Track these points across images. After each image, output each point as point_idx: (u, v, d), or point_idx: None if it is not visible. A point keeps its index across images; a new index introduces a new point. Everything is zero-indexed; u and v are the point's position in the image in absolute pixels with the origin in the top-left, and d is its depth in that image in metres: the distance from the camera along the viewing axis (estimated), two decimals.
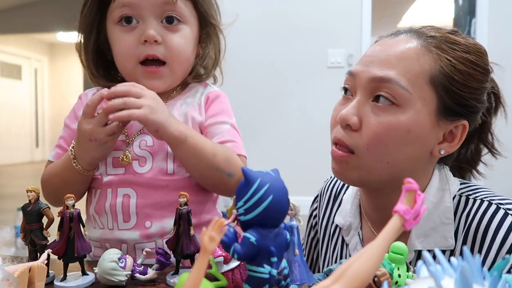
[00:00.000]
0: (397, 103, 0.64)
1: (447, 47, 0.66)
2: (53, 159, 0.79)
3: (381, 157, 0.66)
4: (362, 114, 0.66)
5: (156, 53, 0.72)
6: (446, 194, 0.69)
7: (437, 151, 0.68)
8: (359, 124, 0.66)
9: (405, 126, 0.64)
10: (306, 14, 3.50)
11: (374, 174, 0.67)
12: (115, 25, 0.73)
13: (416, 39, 0.67)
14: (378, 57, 0.67)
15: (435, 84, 0.64)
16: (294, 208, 0.51)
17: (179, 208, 0.59)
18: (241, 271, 0.53)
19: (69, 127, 0.81)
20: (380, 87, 0.65)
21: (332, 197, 0.88)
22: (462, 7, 3.61)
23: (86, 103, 0.69)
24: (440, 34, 0.68)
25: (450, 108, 0.66)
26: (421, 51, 0.65)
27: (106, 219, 0.75)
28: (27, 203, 0.59)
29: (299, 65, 3.50)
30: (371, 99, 0.66)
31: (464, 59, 0.66)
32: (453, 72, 0.65)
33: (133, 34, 0.72)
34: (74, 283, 0.58)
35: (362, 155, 0.66)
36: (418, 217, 0.35)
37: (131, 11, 0.72)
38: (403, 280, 0.48)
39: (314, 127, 3.42)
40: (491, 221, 0.65)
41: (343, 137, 0.67)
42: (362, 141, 0.66)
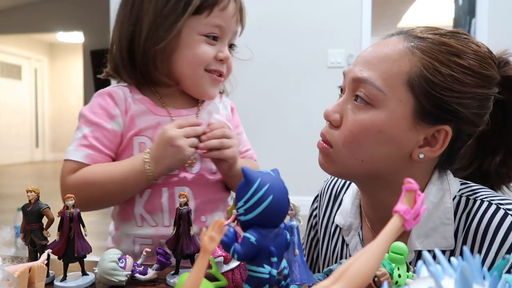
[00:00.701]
0: (371, 103, 0.66)
1: (434, 50, 0.65)
2: (84, 160, 0.75)
3: (355, 154, 0.68)
4: (343, 112, 0.69)
5: (223, 70, 0.83)
6: (446, 194, 0.69)
7: (416, 155, 0.67)
8: (340, 121, 0.69)
9: (376, 126, 0.65)
10: (306, 14, 3.50)
11: (350, 170, 0.70)
12: (199, 35, 0.78)
13: (405, 41, 0.67)
14: (364, 58, 0.69)
15: (412, 86, 0.64)
16: (294, 208, 0.51)
17: (179, 208, 0.59)
18: (241, 271, 0.53)
19: (101, 126, 0.77)
20: (358, 87, 0.67)
21: (332, 197, 0.88)
22: (462, 7, 3.61)
23: (185, 119, 0.77)
24: (432, 37, 0.66)
25: (428, 111, 0.64)
26: (404, 53, 0.65)
27: (161, 216, 0.77)
28: (27, 203, 0.59)
29: (299, 65, 3.50)
30: (353, 98, 0.69)
31: (452, 62, 0.64)
32: (434, 75, 0.63)
33: (213, 49, 0.80)
34: (74, 283, 0.58)
35: (339, 151, 0.69)
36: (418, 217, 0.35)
37: (218, 32, 0.79)
38: (403, 280, 0.48)
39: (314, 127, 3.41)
40: (491, 221, 0.65)
41: (325, 132, 0.72)
42: (339, 137, 0.69)
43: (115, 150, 0.78)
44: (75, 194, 0.72)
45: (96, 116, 0.77)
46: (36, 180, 6.53)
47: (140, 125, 0.77)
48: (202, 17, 0.78)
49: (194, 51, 0.78)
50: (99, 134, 0.76)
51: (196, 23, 0.78)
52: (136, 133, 0.77)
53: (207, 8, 0.77)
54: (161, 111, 0.79)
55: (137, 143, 0.77)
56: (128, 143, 0.77)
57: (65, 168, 0.75)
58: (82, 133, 0.76)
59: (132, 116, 0.78)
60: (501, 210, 0.65)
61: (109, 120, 0.77)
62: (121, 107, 0.78)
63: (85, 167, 0.74)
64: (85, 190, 0.72)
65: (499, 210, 0.65)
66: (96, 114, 0.77)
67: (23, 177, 6.81)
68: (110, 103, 0.78)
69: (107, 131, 0.76)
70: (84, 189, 0.72)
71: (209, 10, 0.78)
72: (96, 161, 0.75)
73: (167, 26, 0.77)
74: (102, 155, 0.76)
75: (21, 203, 0.61)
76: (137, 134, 0.77)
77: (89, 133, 0.76)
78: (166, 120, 0.78)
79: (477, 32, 3.30)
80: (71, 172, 0.74)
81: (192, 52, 0.78)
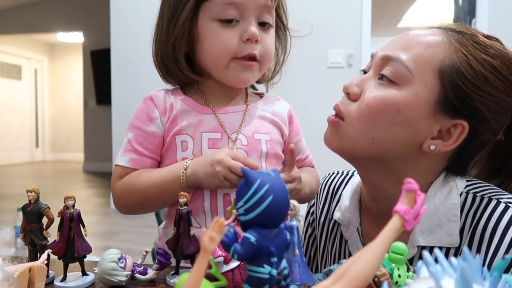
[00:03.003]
0: (396, 81, 0.66)
1: (470, 45, 0.66)
2: (128, 164, 0.75)
3: (367, 131, 0.67)
4: (364, 86, 0.69)
5: (256, 52, 0.74)
6: (453, 190, 0.69)
7: (427, 146, 0.66)
8: (358, 94, 0.69)
9: (396, 105, 0.65)
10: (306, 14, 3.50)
11: (356, 146, 0.69)
12: (213, 21, 0.73)
13: (443, 33, 0.68)
14: (398, 41, 0.69)
15: (442, 74, 0.64)
16: (294, 208, 0.51)
17: (179, 208, 0.59)
18: (241, 271, 0.53)
19: (143, 130, 0.76)
20: (385, 65, 0.67)
21: (330, 193, 0.88)
22: (462, 7, 3.61)
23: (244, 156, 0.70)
24: (470, 33, 0.68)
25: (451, 103, 0.64)
26: (441, 42, 0.66)
27: (204, 218, 0.75)
28: (27, 203, 0.59)
29: (299, 65, 3.50)
30: (377, 76, 0.69)
31: (485, 62, 0.65)
32: (466, 69, 0.64)
33: (234, 31, 0.73)
34: (74, 283, 0.58)
35: (351, 124, 0.69)
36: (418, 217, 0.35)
37: (235, 10, 0.72)
38: (403, 280, 0.48)
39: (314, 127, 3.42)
40: (499, 220, 0.64)
41: (341, 103, 0.71)
42: (354, 110, 0.68)
43: (158, 151, 0.77)
44: (120, 199, 0.75)
45: (138, 121, 0.78)
46: (36, 180, 6.53)
47: (181, 123, 0.76)
48: (213, 0, 0.71)
49: (212, 40, 0.73)
50: (141, 138, 0.76)
51: (208, 8, 0.73)
52: (177, 132, 0.76)
53: None
54: (205, 109, 0.77)
55: (179, 142, 0.76)
56: (171, 142, 0.76)
57: (114, 174, 0.77)
58: (127, 139, 0.77)
59: (174, 116, 0.76)
60: (510, 209, 0.64)
61: (149, 123, 0.77)
62: (160, 108, 0.77)
63: (131, 173, 0.75)
64: (129, 195, 0.74)
65: (508, 209, 0.64)
66: (138, 119, 0.78)
67: (23, 177, 6.81)
68: (150, 106, 0.78)
69: (148, 134, 0.76)
70: (128, 194, 0.74)
71: None
72: (140, 164, 0.75)
73: (179, 18, 0.74)
74: (145, 158, 0.76)
75: (21, 203, 0.61)
76: (178, 133, 0.76)
77: (132, 138, 0.77)
78: (209, 118, 0.77)
79: None
80: (119, 178, 0.76)
81: (210, 42, 0.73)
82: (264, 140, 0.78)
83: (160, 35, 0.77)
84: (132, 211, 0.78)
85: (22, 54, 8.55)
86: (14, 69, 8.55)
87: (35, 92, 9.03)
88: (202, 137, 0.75)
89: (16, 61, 8.54)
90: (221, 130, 0.76)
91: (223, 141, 0.75)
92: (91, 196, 4.92)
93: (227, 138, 0.76)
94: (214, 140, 0.75)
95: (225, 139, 0.76)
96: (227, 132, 0.76)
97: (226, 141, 0.76)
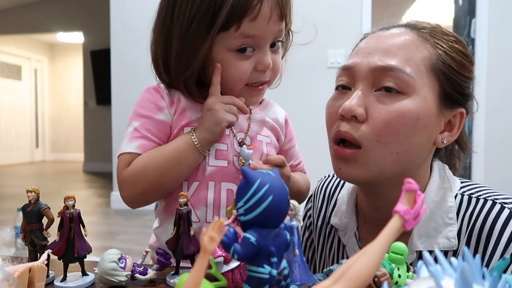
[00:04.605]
0: (403, 91, 0.63)
1: (440, 37, 0.67)
2: (138, 150, 0.73)
3: (391, 148, 0.63)
4: (367, 104, 0.64)
5: (266, 79, 0.77)
6: (448, 193, 0.69)
7: (439, 141, 0.68)
8: (365, 115, 0.64)
9: (415, 114, 0.63)
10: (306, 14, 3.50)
11: (384, 168, 0.65)
12: (229, 51, 0.72)
13: (410, 31, 0.68)
14: (377, 48, 0.66)
15: (435, 71, 0.65)
16: (294, 208, 0.51)
17: (179, 208, 0.59)
18: (241, 272, 0.53)
19: (151, 118, 0.75)
20: (383, 77, 0.64)
21: (326, 197, 0.87)
22: (462, 7, 3.61)
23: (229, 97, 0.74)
24: (430, 26, 0.69)
25: (450, 96, 0.66)
26: (419, 40, 0.66)
27: (204, 212, 0.75)
28: (27, 203, 0.59)
29: (299, 65, 3.50)
30: (374, 89, 0.65)
31: (455, 49, 0.67)
32: (449, 60, 0.65)
33: (249, 61, 0.73)
34: (74, 283, 0.58)
35: (371, 148, 0.64)
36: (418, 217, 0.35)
37: (252, 42, 0.72)
38: (403, 280, 0.48)
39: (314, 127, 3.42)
40: (495, 221, 0.64)
41: (349, 130, 0.64)
42: (370, 132, 0.63)
43: (165, 140, 0.76)
44: (132, 185, 0.72)
45: (145, 110, 0.76)
46: (36, 180, 6.53)
47: (191, 116, 0.76)
48: (230, 32, 0.70)
49: (227, 70, 0.73)
50: (150, 125, 0.75)
51: (224, 39, 0.71)
52: (187, 123, 0.76)
53: (235, 22, 0.69)
54: None
55: None
56: (179, 133, 0.76)
57: (120, 163, 0.74)
58: (133, 127, 0.75)
59: (183, 108, 0.76)
60: (505, 210, 0.64)
61: (158, 111, 0.76)
62: (167, 100, 0.76)
63: (137, 157, 0.73)
64: (141, 176, 0.71)
65: (503, 209, 0.64)
66: (144, 108, 0.76)
67: (23, 177, 6.81)
68: (156, 96, 0.77)
69: (157, 122, 0.75)
70: (141, 176, 0.71)
71: (238, 24, 0.69)
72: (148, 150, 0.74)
73: (193, 49, 0.72)
74: (154, 144, 0.74)
75: (21, 203, 0.61)
76: (188, 125, 0.76)
77: (139, 125, 0.75)
78: None
79: (477, 32, 3.30)
80: (126, 165, 0.73)
81: (226, 71, 0.73)
82: (265, 143, 0.80)
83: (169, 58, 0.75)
84: (145, 197, 0.74)
85: (22, 54, 8.54)
86: (14, 69, 8.54)
87: (35, 92, 9.02)
88: None
89: (16, 61, 8.54)
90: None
91: (230, 137, 0.77)
92: (91, 196, 4.91)
93: (233, 136, 0.78)
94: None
95: (231, 135, 0.78)
96: (232, 130, 0.78)
97: (232, 137, 0.78)
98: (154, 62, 0.79)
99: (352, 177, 0.67)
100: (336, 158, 0.68)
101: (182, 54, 0.73)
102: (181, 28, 0.72)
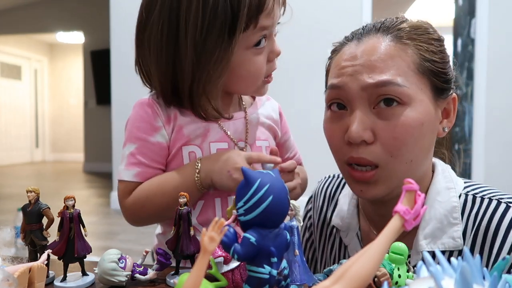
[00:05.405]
0: (401, 102, 0.63)
1: (416, 34, 0.67)
2: (135, 179, 0.73)
3: (405, 158, 0.64)
4: (371, 125, 0.64)
5: (276, 66, 0.78)
6: (452, 193, 0.69)
7: (441, 131, 0.70)
8: (373, 136, 0.64)
9: (419, 121, 0.64)
10: (306, 14, 3.50)
11: (400, 178, 0.64)
12: (247, 49, 0.71)
13: (386, 36, 0.66)
14: (362, 66, 0.65)
15: (423, 71, 0.65)
16: (294, 208, 0.51)
17: (179, 209, 0.59)
18: (241, 272, 0.53)
19: (146, 141, 0.74)
20: (378, 92, 0.63)
21: (327, 197, 0.87)
22: (462, 7, 3.61)
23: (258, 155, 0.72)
24: (403, 26, 0.68)
25: (441, 88, 0.67)
26: (397, 46, 0.65)
27: None
28: (27, 203, 0.59)
29: (299, 65, 3.50)
30: (371, 106, 0.65)
31: (430, 39, 0.67)
32: (431, 55, 0.66)
33: (263, 55, 0.74)
34: (74, 283, 0.58)
35: (387, 164, 0.64)
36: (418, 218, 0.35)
37: (267, 32, 0.72)
38: (403, 281, 0.48)
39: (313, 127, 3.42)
40: (501, 221, 0.64)
41: (363, 154, 0.64)
42: (383, 151, 0.64)
43: (163, 162, 0.75)
44: (136, 214, 0.74)
45: (140, 131, 0.74)
46: (36, 180, 6.53)
47: (188, 134, 0.74)
48: (249, 30, 0.69)
49: (248, 68, 0.72)
50: (145, 150, 0.74)
51: (243, 39, 0.70)
52: (185, 143, 0.74)
53: (253, 21, 0.68)
54: None
55: (186, 153, 0.74)
56: (177, 153, 0.74)
57: (121, 190, 0.75)
58: (129, 151, 0.74)
59: (179, 125, 0.74)
60: (511, 209, 0.64)
61: (153, 133, 0.74)
62: (163, 117, 0.74)
63: (139, 186, 0.73)
64: (143, 208, 0.73)
65: (509, 209, 0.64)
66: (139, 129, 0.74)
67: (23, 177, 6.81)
68: (151, 115, 0.74)
69: (153, 145, 0.74)
70: (143, 208, 0.73)
71: (255, 22, 0.68)
72: (147, 177, 0.74)
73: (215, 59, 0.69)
74: (152, 169, 0.74)
75: (21, 203, 0.61)
76: (186, 144, 0.74)
77: (135, 150, 0.74)
78: (214, 126, 0.76)
79: (477, 32, 3.30)
80: (127, 193, 0.74)
81: (247, 70, 0.72)
82: (264, 147, 0.81)
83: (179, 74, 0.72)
84: (148, 223, 0.77)
85: (22, 54, 8.54)
86: (14, 69, 8.54)
87: (35, 92, 9.03)
88: (211, 148, 0.75)
89: (16, 61, 8.54)
90: (227, 139, 0.77)
91: (231, 147, 0.77)
92: (91, 196, 4.91)
93: (234, 146, 0.77)
94: (222, 150, 0.75)
95: (232, 144, 0.77)
96: (233, 141, 0.77)
97: (233, 146, 0.77)
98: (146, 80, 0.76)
99: (376, 196, 0.67)
100: (354, 181, 0.68)
101: (198, 68, 0.69)
102: (194, 39, 0.68)
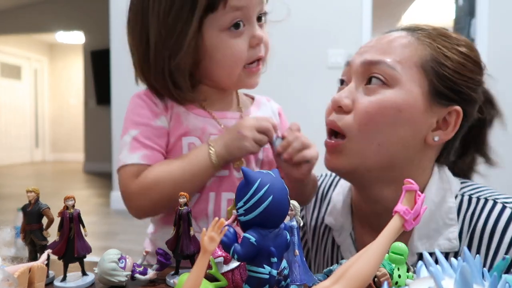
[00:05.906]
0: (387, 83, 0.66)
1: (437, 38, 0.69)
2: (142, 161, 0.71)
3: (372, 137, 0.66)
4: (355, 97, 0.68)
5: (262, 53, 0.74)
6: (448, 193, 0.69)
7: (431, 138, 0.68)
8: (351, 106, 0.68)
9: (396, 105, 0.65)
10: (306, 14, 3.50)
11: (365, 159, 0.67)
12: (221, 31, 0.69)
13: (408, 33, 0.70)
14: (372, 47, 0.70)
15: (425, 69, 0.66)
16: (294, 208, 0.51)
17: (179, 209, 0.59)
18: (241, 272, 0.53)
19: (149, 125, 0.73)
20: (371, 70, 0.67)
21: (319, 196, 0.87)
22: (462, 7, 3.61)
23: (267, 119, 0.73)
24: (432, 28, 0.71)
25: (441, 92, 0.67)
26: (412, 41, 0.68)
27: (206, 222, 0.74)
28: (27, 203, 0.59)
29: (299, 65, 3.50)
30: (364, 83, 0.69)
31: (455, 50, 0.68)
32: (444, 59, 0.67)
33: (243, 39, 0.71)
34: (74, 283, 0.57)
35: (354, 137, 0.67)
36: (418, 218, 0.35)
37: (241, 15, 0.69)
38: (403, 281, 0.48)
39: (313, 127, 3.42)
40: (497, 221, 0.64)
41: (335, 118, 0.69)
42: (353, 122, 0.67)
43: (165, 147, 0.74)
44: (143, 197, 0.69)
45: (141, 117, 0.73)
46: (36, 180, 6.53)
47: (187, 125, 0.74)
48: (219, 10, 0.68)
49: (224, 52, 0.70)
50: (149, 133, 0.72)
51: (214, 20, 0.68)
52: (184, 134, 0.73)
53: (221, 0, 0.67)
54: (203, 113, 0.75)
55: (186, 144, 0.73)
56: (176, 143, 0.73)
57: (125, 175, 0.71)
58: (131, 137, 0.72)
59: (177, 114, 0.74)
60: (507, 210, 0.64)
61: (155, 118, 0.73)
62: (160, 105, 0.74)
63: (147, 169, 0.70)
64: (154, 190, 0.69)
65: (505, 209, 0.64)
66: (140, 115, 0.73)
67: (23, 177, 6.81)
68: (149, 103, 0.74)
69: (156, 129, 0.73)
70: (153, 190, 0.69)
71: (224, 1, 0.67)
72: (154, 160, 0.71)
73: (177, 37, 0.68)
74: (157, 153, 0.72)
75: (21, 203, 0.61)
76: (185, 135, 0.73)
77: (138, 134, 0.72)
78: (212, 122, 0.75)
79: (477, 32, 3.30)
80: (134, 177, 0.70)
81: (222, 53, 0.70)
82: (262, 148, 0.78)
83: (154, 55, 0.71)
84: (155, 209, 0.73)
85: (22, 54, 8.54)
86: (14, 69, 8.54)
87: (35, 92, 9.02)
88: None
89: (16, 61, 8.54)
90: None
91: None
92: (91, 196, 4.91)
93: None
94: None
95: None
96: None
97: None
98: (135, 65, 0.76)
99: (335, 167, 0.71)
100: (326, 149, 0.72)
101: (163, 45, 0.69)
102: (158, 17, 0.68)
